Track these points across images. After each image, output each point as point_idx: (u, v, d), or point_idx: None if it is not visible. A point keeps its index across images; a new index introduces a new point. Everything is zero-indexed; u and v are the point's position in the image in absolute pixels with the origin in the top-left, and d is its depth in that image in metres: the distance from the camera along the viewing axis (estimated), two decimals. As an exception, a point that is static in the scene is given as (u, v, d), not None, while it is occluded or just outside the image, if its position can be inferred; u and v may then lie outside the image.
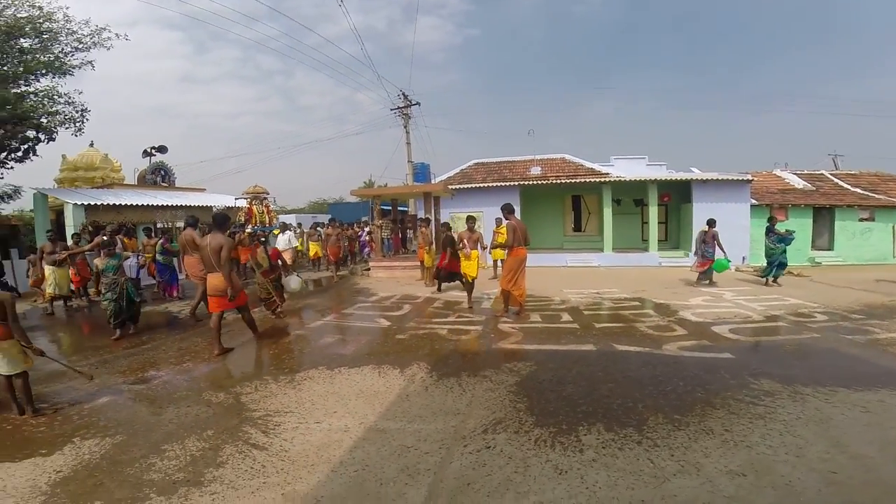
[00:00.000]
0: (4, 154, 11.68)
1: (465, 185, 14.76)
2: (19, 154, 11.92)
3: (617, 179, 14.24)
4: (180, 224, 14.14)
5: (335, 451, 3.05)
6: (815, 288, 9.51)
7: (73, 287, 9.46)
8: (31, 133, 11.74)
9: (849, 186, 15.92)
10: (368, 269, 12.61)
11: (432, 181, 13.85)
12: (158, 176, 15.54)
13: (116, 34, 12.69)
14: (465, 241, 8.46)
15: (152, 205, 13.36)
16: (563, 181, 14.59)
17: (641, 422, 3.34)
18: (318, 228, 14.41)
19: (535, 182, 14.57)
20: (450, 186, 14.42)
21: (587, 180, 14.43)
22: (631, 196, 15.36)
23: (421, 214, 12.62)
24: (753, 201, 14.01)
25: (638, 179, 14.11)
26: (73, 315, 8.95)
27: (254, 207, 13.04)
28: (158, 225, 13.31)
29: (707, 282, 9.87)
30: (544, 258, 14.31)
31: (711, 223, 9.95)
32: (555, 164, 15.77)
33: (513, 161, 16.27)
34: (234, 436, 3.39)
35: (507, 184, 14.47)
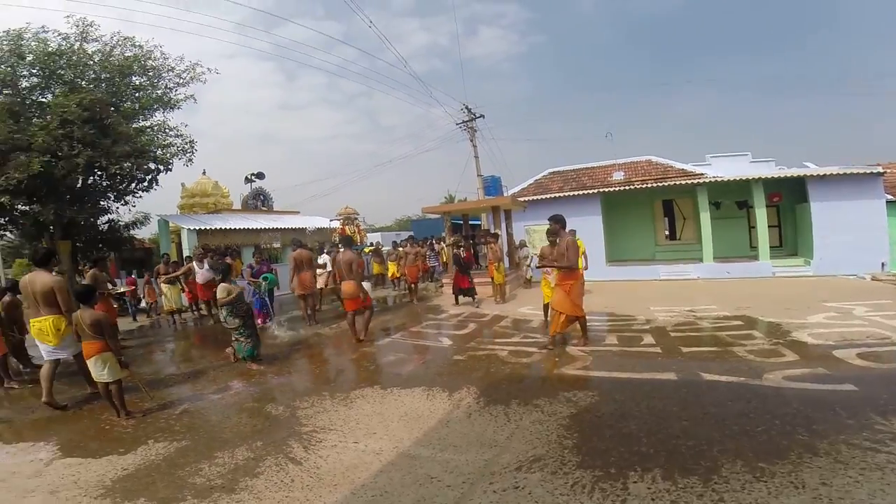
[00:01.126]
0: (133, 184, 13.65)
1: (540, 196, 14.32)
2: (144, 184, 13.83)
3: (714, 180, 12.88)
4: (277, 244, 15.51)
5: (361, 474, 3.00)
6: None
7: (186, 302, 10.78)
8: (151, 165, 13.49)
9: None
10: (441, 286, 12.64)
11: (505, 194, 13.61)
12: (258, 200, 17.24)
13: (208, 68, 14.37)
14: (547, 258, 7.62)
15: (254, 228, 14.74)
16: (651, 185, 13.53)
17: (712, 469, 2.81)
18: (399, 248, 14.84)
19: (618, 188, 13.67)
20: (524, 198, 14.08)
21: (679, 183, 13.24)
22: (732, 198, 13.78)
23: (493, 229, 12.45)
24: (889, 197, 11.83)
25: (740, 179, 12.60)
26: (185, 327, 10.14)
27: (346, 228, 13.86)
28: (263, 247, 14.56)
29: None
30: (633, 271, 13.34)
31: None
32: (639, 168, 14.73)
33: (592, 167, 15.50)
34: (278, 448, 3.51)
35: (587, 192, 13.77)
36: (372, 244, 14.28)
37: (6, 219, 12.52)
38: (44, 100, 12.29)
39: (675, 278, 12.71)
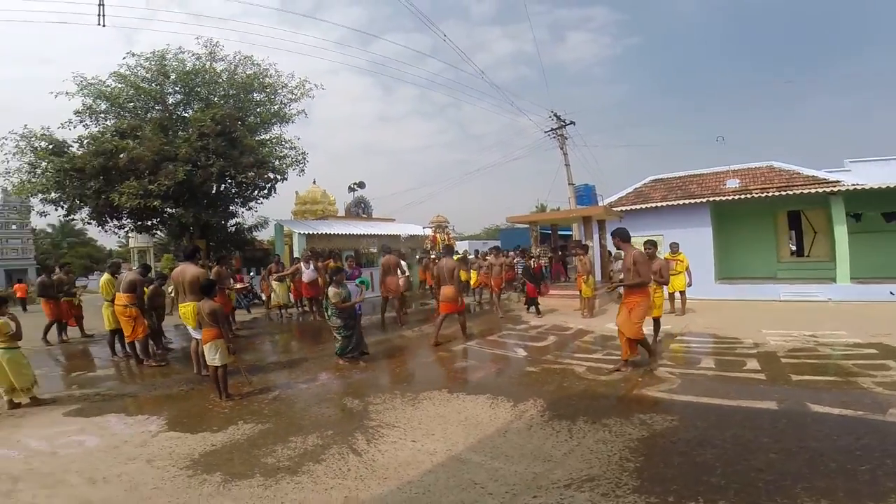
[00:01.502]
0: (256, 192, 15.40)
1: (639, 206, 13.37)
2: (265, 192, 15.55)
3: (854, 188, 11.04)
4: (374, 249, 16.48)
5: (411, 471, 3.10)
6: None
7: (292, 298, 11.91)
8: (270, 174, 15.09)
9: None
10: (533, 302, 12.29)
11: (599, 203, 12.94)
12: (360, 208, 18.50)
13: (315, 85, 15.68)
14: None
15: (355, 234, 15.80)
16: (773, 193, 11.97)
17: (790, 510, 2.47)
18: (488, 257, 14.86)
19: (732, 197, 12.30)
20: (621, 208, 13.29)
21: (808, 191, 11.55)
22: (878, 209, 11.69)
23: (584, 240, 11.93)
24: None
25: (888, 186, 10.65)
26: (290, 321, 11.16)
27: (437, 235, 14.32)
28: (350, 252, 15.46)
29: None
30: (747, 290, 11.91)
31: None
32: (758, 174, 13.08)
33: (701, 174, 14.10)
34: (345, 439, 3.74)
35: (694, 201, 12.57)
36: (459, 252, 14.52)
37: (158, 220, 14.85)
38: (185, 115, 14.36)
39: (798, 300, 11.08)
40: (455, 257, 14.38)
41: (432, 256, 13.94)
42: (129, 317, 6.91)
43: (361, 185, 19.10)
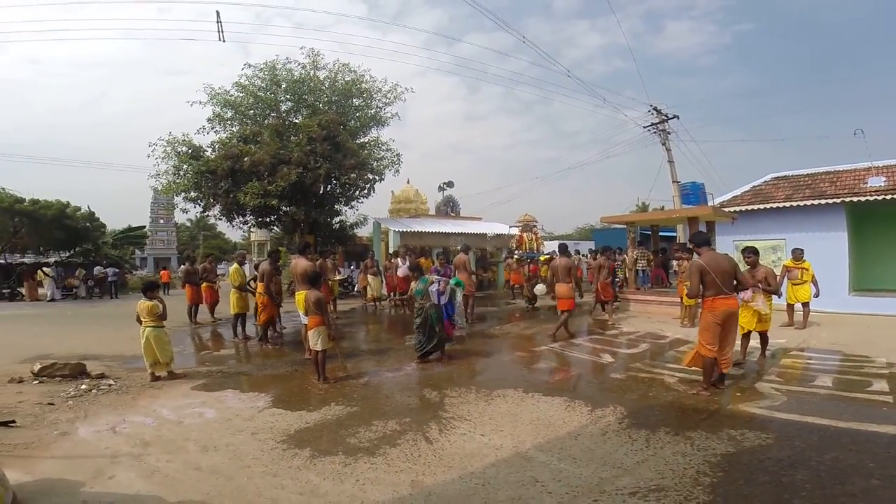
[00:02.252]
0: (357, 192, 16.50)
1: (758, 206, 11.96)
2: (365, 192, 16.61)
3: None
4: (460, 248, 16.77)
5: (475, 463, 3.20)
6: None
7: (385, 291, 12.63)
8: (370, 175, 16.08)
9: None
10: (618, 302, 11.67)
11: (709, 203, 11.80)
12: (448, 207, 18.95)
13: (405, 88, 16.25)
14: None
15: (444, 232, 16.25)
16: (931, 195, 10.07)
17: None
18: (583, 256, 14.40)
19: (876, 197, 10.56)
20: (735, 208, 12.03)
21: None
22: None
23: (688, 244, 10.98)
24: None
25: None
26: (383, 312, 11.86)
27: (524, 235, 14.22)
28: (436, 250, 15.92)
29: None
30: (888, 304, 10.18)
31: None
32: (911, 172, 11.07)
33: (835, 171, 12.22)
34: (420, 427, 3.95)
35: (827, 201, 10.99)
36: (547, 254, 14.22)
37: (275, 216, 16.56)
38: (296, 121, 15.74)
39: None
40: (543, 258, 14.24)
41: (515, 256, 13.91)
42: (261, 303, 7.81)
43: (450, 184, 19.61)
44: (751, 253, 6.47)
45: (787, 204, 11.69)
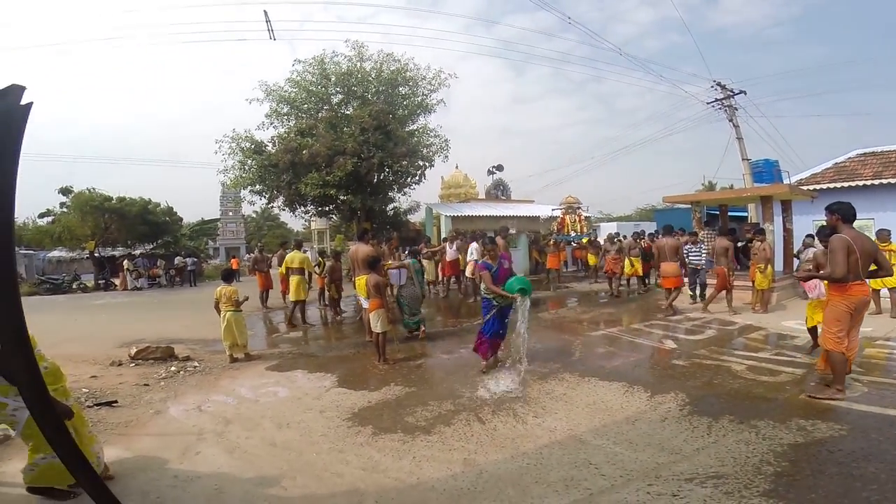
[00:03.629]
0: (409, 179, 16.75)
1: (842, 184, 10.95)
2: (416, 179, 16.84)
3: None
4: (513, 231, 16.64)
5: (527, 444, 3.28)
6: None
7: (440, 275, 12.82)
8: (420, 162, 16.27)
9: None
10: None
11: (785, 181, 10.86)
12: (499, 190, 18.79)
13: (449, 74, 16.14)
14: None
15: (495, 215, 16.18)
16: None
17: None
18: (641, 239, 13.75)
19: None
20: (815, 186, 11.08)
21: None
22: None
23: (762, 223, 10.21)
24: None
25: None
26: (437, 297, 12.07)
27: (567, 217, 13.88)
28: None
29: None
30: None
31: None
32: None
33: (933, 144, 10.95)
34: (473, 408, 4.09)
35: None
36: (588, 235, 13.84)
37: (333, 206, 17.19)
38: (347, 112, 16.12)
39: None
40: (585, 240, 13.89)
41: (552, 240, 13.67)
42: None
43: (500, 167, 19.46)
44: (829, 234, 5.51)
45: (877, 181, 10.64)
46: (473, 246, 10.89)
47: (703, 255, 9.55)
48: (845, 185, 11.04)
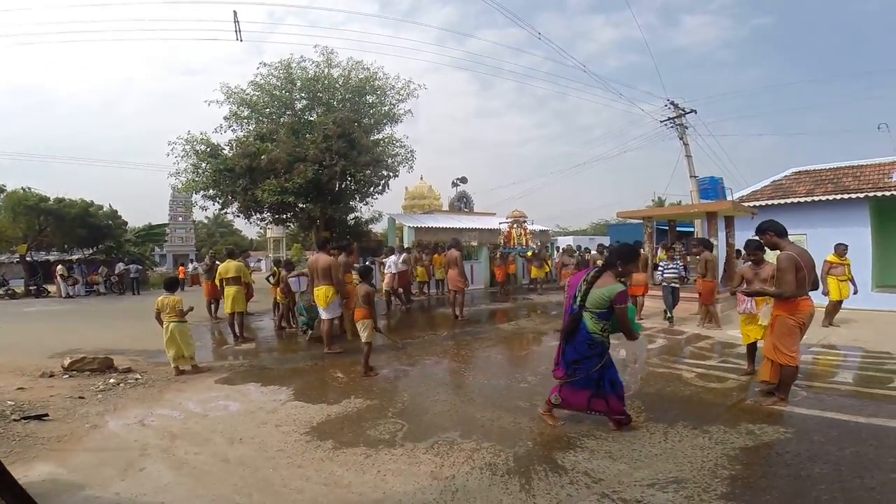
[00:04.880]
0: (371, 188, 16.58)
1: (779, 201, 11.78)
2: (379, 188, 16.70)
3: None
4: (475, 243, 16.81)
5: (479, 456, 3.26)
6: None
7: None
8: (384, 172, 16.15)
9: None
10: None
11: (728, 198, 11.60)
12: (462, 202, 19.05)
13: (418, 85, 16.27)
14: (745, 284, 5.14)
15: (457, 227, 16.30)
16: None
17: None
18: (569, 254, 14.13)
19: (901, 192, 10.33)
20: (755, 203, 11.86)
21: None
22: None
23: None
24: None
25: None
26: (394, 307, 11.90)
27: (513, 231, 14.23)
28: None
29: None
30: (915, 301, 9.99)
31: None
32: (939, 165, 10.77)
33: (858, 166, 11.94)
34: (438, 420, 4.03)
35: (849, 196, 10.78)
36: (532, 249, 14.36)
37: (291, 213, 16.75)
38: (311, 118, 15.84)
39: None
40: (529, 254, 14.31)
41: (499, 253, 14.06)
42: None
43: (464, 180, 19.71)
44: (756, 248, 4.94)
45: (809, 199, 11.50)
46: (392, 259, 11.37)
47: (679, 270, 9.31)
48: (782, 201, 11.84)
